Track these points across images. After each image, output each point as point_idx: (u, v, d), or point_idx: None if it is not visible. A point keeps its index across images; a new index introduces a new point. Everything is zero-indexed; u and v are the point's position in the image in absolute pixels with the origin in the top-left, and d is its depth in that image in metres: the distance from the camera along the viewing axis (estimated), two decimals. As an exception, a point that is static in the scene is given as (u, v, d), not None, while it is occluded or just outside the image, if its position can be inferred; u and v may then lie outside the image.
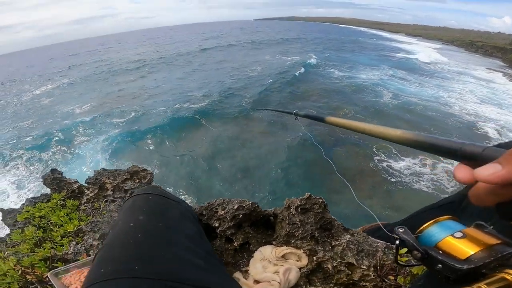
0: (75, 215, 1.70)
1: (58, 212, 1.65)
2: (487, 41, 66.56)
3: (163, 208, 0.84)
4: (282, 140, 10.33)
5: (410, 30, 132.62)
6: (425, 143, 0.41)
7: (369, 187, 8.22)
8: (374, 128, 0.55)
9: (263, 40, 47.08)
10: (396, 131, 0.48)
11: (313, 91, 16.33)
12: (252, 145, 10.42)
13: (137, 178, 2.35)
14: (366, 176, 8.67)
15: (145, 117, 13.32)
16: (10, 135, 13.55)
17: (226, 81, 18.95)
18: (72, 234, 1.43)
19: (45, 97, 20.96)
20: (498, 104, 17.69)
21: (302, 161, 8.92)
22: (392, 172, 8.91)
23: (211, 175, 8.77)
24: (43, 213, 1.60)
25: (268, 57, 28.72)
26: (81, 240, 1.38)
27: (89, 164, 9.95)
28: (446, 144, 0.37)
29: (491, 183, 0.29)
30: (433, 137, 0.40)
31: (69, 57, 53.12)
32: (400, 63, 29.51)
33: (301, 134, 9.99)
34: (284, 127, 11.14)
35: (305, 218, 1.01)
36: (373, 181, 8.46)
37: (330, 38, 58.71)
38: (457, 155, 0.35)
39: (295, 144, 9.92)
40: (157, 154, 10.16)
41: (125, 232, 0.71)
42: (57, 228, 1.47)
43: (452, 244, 0.41)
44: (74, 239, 1.39)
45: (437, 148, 0.39)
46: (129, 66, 29.38)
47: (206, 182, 8.50)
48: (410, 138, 0.44)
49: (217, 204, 1.09)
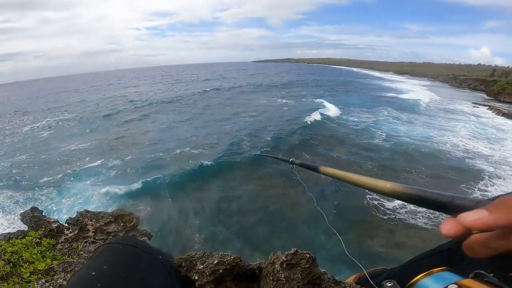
0: (50, 253, 1.66)
1: (31, 249, 1.62)
2: (469, 74, 70.90)
3: (132, 259, 0.80)
4: (277, 188, 10.37)
5: (398, 68, 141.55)
6: (414, 196, 0.39)
7: (367, 227, 8.03)
8: (365, 180, 0.55)
9: (262, 83, 48.66)
10: (386, 184, 0.47)
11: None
12: (246, 191, 10.37)
13: (121, 222, 2.26)
14: (364, 215, 8.56)
15: (141, 162, 13.18)
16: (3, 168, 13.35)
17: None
18: (43, 272, 1.39)
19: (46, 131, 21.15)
20: (487, 139, 18.15)
21: (294, 210, 8.90)
22: (387, 212, 8.77)
23: (200, 222, 8.56)
24: (15, 249, 1.57)
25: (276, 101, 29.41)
26: (51, 279, 1.34)
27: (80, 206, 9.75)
28: (436, 198, 0.35)
29: (475, 229, 0.29)
30: (423, 190, 0.38)
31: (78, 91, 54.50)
32: (394, 103, 30.85)
33: (295, 183, 9.98)
34: (280, 175, 11.16)
35: (291, 274, 0.94)
36: (371, 220, 8.31)
37: (329, 79, 61.50)
38: (448, 208, 0.33)
39: (289, 192, 9.96)
40: (148, 197, 9.96)
41: (84, 279, 0.68)
42: (27, 264, 1.44)
43: None
44: (44, 277, 1.34)
45: (427, 201, 0.37)
46: (127, 106, 29.76)
47: (194, 228, 8.22)
48: (400, 191, 0.43)
49: (197, 257, 1.02)
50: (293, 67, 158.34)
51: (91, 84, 73.32)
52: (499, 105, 31.68)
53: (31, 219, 2.15)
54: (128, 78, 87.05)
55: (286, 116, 21.35)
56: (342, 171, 0.70)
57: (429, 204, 0.36)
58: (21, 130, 22.46)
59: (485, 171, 12.46)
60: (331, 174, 0.77)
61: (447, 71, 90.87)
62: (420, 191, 0.39)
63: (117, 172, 12.07)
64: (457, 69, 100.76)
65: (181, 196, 9.98)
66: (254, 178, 11.22)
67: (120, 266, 0.75)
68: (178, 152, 14.14)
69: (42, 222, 2.15)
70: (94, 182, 11.00)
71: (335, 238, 6.60)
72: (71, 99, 42.73)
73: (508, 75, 58.67)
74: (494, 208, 0.28)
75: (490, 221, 0.28)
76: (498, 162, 13.84)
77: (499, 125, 22.96)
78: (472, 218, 0.29)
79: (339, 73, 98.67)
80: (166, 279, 0.86)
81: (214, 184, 10.75)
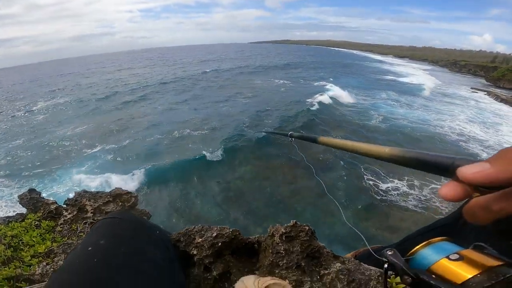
0: (49, 236, 1.68)
1: (31, 232, 1.63)
2: (470, 60, 70.25)
3: (129, 234, 0.79)
4: (276, 161, 10.45)
5: (398, 51, 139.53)
6: (414, 160, 0.37)
7: (361, 207, 8.21)
8: (364, 146, 0.54)
9: (262, 65, 47.87)
10: (384, 149, 0.45)
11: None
12: (247, 167, 10.46)
13: (120, 201, 2.26)
14: (358, 197, 8.71)
15: (139, 143, 13.16)
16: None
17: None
18: (43, 255, 1.40)
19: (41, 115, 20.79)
20: (483, 123, 18.27)
21: (294, 182, 9.01)
22: (383, 193, 8.97)
23: (202, 198, 8.68)
24: (15, 233, 1.58)
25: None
26: (51, 261, 1.35)
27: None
28: (436, 160, 0.33)
29: (476, 182, 0.26)
30: (423, 153, 0.36)
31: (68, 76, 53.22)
32: (394, 86, 30.65)
33: (294, 155, 10.10)
34: (280, 148, 11.26)
35: (290, 247, 0.94)
36: (365, 202, 8.48)
37: (331, 61, 60.18)
38: (449, 171, 0.30)
39: (288, 164, 10.06)
40: (147, 180, 9.99)
41: (81, 256, 0.67)
42: (27, 248, 1.45)
43: (447, 267, 0.37)
44: (45, 260, 1.36)
45: (427, 164, 0.34)
46: (126, 89, 29.22)
47: (196, 204, 8.36)
48: (399, 155, 0.41)
49: (195, 231, 1.01)
50: (292, 48, 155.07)
51: (84, 68, 71.41)
52: (498, 91, 31.65)
53: (29, 201, 2.13)
54: (123, 61, 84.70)
55: (286, 99, 21.14)
56: (339, 140, 0.70)
57: (429, 167, 0.34)
58: (17, 114, 22.11)
59: (479, 155, 12.64)
60: (330, 143, 0.78)
61: (448, 56, 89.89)
62: (419, 154, 0.37)
63: (114, 156, 11.99)
64: (458, 55, 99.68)
65: (182, 178, 10.05)
66: (255, 154, 11.36)
67: (117, 241, 0.74)
68: (176, 134, 14.09)
69: (40, 204, 2.14)
70: (91, 168, 10.94)
71: (335, 211, 6.82)
72: (66, 82, 41.81)
73: (510, 62, 58.25)
74: (496, 160, 0.26)
75: (492, 174, 0.25)
76: (492, 147, 14.02)
77: (497, 110, 23.07)
78: (472, 171, 0.26)
79: (339, 55, 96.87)
80: (164, 253, 0.84)
81: (215, 164, 10.83)
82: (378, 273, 0.96)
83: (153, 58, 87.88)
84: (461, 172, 0.27)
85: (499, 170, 0.25)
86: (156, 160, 11.04)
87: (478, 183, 0.26)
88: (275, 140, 11.60)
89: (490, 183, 0.25)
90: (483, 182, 0.26)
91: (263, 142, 12.00)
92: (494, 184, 0.25)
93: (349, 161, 10.20)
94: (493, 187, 0.26)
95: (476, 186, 0.27)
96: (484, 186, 0.26)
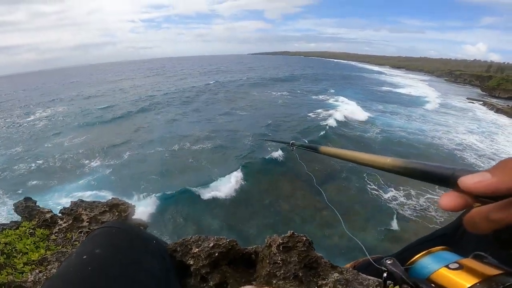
0: (43, 244, 1.67)
1: (25, 240, 1.63)
2: (465, 70, 71.26)
3: (125, 243, 0.79)
4: (276, 170, 10.49)
5: (395, 62, 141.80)
6: (415, 170, 0.38)
7: (361, 217, 8.14)
8: (366, 156, 0.53)
9: (264, 77, 46.97)
10: (386, 159, 0.46)
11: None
12: (249, 174, 10.43)
13: (116, 211, 2.24)
14: (358, 207, 8.67)
15: (139, 158, 13.01)
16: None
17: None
18: (36, 263, 1.40)
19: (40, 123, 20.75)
20: (481, 133, 18.38)
21: (294, 191, 8.95)
22: (382, 202, 8.91)
23: (200, 208, 8.60)
24: (8, 240, 1.57)
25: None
26: (45, 269, 1.33)
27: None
28: (437, 171, 0.33)
29: (476, 192, 0.26)
30: (423, 164, 0.37)
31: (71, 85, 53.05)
32: (399, 99, 30.70)
33: (294, 164, 10.04)
34: (280, 157, 11.27)
35: (287, 257, 0.93)
36: (365, 212, 8.44)
37: (334, 74, 59.77)
38: (449, 182, 0.31)
39: (288, 173, 10.06)
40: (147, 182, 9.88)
41: (75, 264, 0.66)
42: (20, 255, 1.45)
43: (446, 276, 0.36)
44: (38, 268, 1.35)
45: (428, 174, 0.35)
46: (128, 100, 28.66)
47: (193, 214, 8.26)
48: (400, 165, 0.41)
49: (192, 241, 1.01)
50: (291, 60, 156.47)
51: (86, 77, 71.44)
52: (494, 101, 32.00)
53: (25, 209, 2.12)
54: (128, 72, 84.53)
55: (298, 113, 20.47)
56: (342, 150, 0.69)
57: (430, 178, 0.34)
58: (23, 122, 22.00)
59: (474, 165, 12.68)
60: (332, 153, 0.76)
61: (443, 66, 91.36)
62: (420, 165, 0.37)
63: (113, 172, 11.69)
64: (453, 64, 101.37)
65: (182, 194, 9.84)
66: (257, 161, 11.35)
67: (113, 250, 0.73)
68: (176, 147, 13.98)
69: (35, 212, 2.12)
70: (87, 185, 10.64)
71: (335, 221, 6.76)
72: (68, 91, 41.83)
73: (504, 71, 59.10)
74: (496, 170, 0.26)
75: (493, 184, 0.25)
76: (488, 156, 14.09)
77: (494, 120, 23.28)
78: (474, 180, 0.26)
79: (338, 67, 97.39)
80: (160, 263, 0.84)
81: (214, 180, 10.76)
82: (376, 283, 0.96)
83: (154, 69, 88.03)
84: (463, 182, 0.27)
85: (500, 180, 0.25)
86: (157, 176, 10.94)
87: (479, 193, 0.26)
88: (276, 148, 11.62)
89: (491, 193, 0.25)
90: (484, 192, 0.26)
91: (264, 151, 12.02)
92: (495, 194, 0.25)
93: (349, 169, 10.20)
94: (493, 197, 0.26)
95: (476, 196, 0.27)
96: (485, 196, 0.26)
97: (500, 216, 0.26)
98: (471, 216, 0.29)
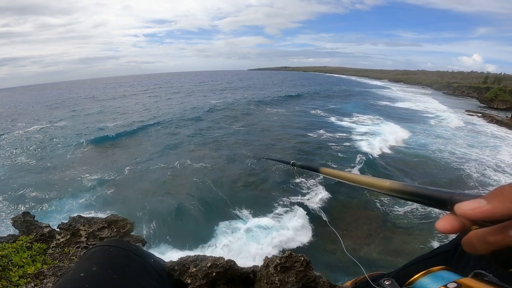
0: (40, 258, 1.66)
1: (21, 253, 1.63)
2: (462, 82, 71.64)
3: (123, 262, 0.79)
4: (278, 191, 10.36)
5: (393, 76, 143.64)
6: (413, 193, 0.39)
7: (364, 234, 8.02)
8: (364, 179, 0.55)
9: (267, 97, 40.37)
10: (385, 182, 0.47)
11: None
12: (248, 192, 10.40)
13: (115, 227, 2.23)
14: (361, 224, 8.54)
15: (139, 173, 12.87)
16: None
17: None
18: (32, 276, 1.39)
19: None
20: (481, 147, 18.29)
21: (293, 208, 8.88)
22: (387, 218, 8.76)
23: (202, 223, 8.49)
24: (5, 253, 1.57)
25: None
26: (40, 283, 1.33)
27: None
28: (434, 194, 0.35)
29: (472, 218, 0.28)
30: (421, 187, 0.38)
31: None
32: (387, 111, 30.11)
33: (296, 184, 10.16)
34: (281, 177, 11.22)
35: (285, 277, 0.92)
36: (368, 228, 8.32)
37: (333, 90, 56.62)
38: (446, 205, 0.32)
39: (290, 193, 9.95)
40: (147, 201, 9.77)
41: (72, 281, 0.66)
42: (16, 268, 1.44)
43: None
44: (33, 281, 1.35)
45: (426, 198, 0.36)
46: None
47: (197, 232, 8.18)
48: (399, 188, 0.42)
49: (190, 261, 1.00)
50: (292, 75, 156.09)
51: (88, 92, 71.12)
52: (494, 113, 32.04)
53: (23, 224, 2.11)
54: (126, 86, 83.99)
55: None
56: (341, 171, 0.70)
57: (427, 201, 0.36)
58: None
59: (473, 177, 12.60)
60: (332, 174, 0.77)
61: (441, 79, 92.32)
62: (418, 188, 0.38)
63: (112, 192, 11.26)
64: (450, 77, 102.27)
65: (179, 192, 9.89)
66: (257, 180, 11.32)
67: (110, 268, 0.74)
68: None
69: (33, 226, 2.12)
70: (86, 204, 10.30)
71: (337, 241, 6.64)
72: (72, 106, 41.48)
73: (501, 82, 59.50)
74: (492, 197, 0.27)
75: (488, 210, 0.26)
76: (487, 167, 13.99)
77: (493, 132, 23.24)
78: (469, 207, 0.28)
79: (341, 82, 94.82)
80: (158, 282, 0.84)
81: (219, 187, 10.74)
82: (376, 304, 0.94)
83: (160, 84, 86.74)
84: (459, 208, 0.29)
85: (495, 206, 0.26)
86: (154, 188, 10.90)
87: (475, 219, 0.28)
88: (274, 167, 11.61)
89: (486, 218, 0.27)
90: (479, 218, 0.27)
91: (263, 169, 12.02)
92: (490, 219, 0.27)
93: (348, 187, 10.03)
94: (489, 222, 0.27)
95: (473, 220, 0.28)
96: (481, 221, 0.27)
97: (496, 239, 0.27)
98: (469, 238, 0.30)
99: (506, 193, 0.27)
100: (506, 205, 0.26)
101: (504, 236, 0.26)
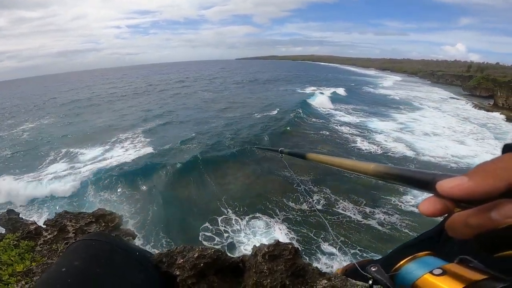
0: (29, 255, 1.66)
1: (9, 251, 1.62)
2: (446, 70, 73.25)
3: (106, 255, 0.78)
4: (267, 177, 10.48)
5: (379, 64, 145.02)
6: (397, 176, 0.38)
7: (353, 222, 8.19)
8: (350, 162, 0.55)
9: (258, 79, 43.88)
10: (369, 165, 0.46)
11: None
12: (238, 181, 10.46)
13: (103, 222, 2.19)
14: (350, 211, 8.71)
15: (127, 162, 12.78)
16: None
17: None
18: (22, 274, 1.39)
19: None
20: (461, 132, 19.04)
21: (284, 198, 8.99)
22: (377, 205, 8.96)
23: (193, 214, 8.48)
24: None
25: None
26: (30, 280, 1.33)
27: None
28: (418, 176, 0.34)
29: (453, 196, 0.27)
30: (405, 169, 0.37)
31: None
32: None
33: (284, 171, 10.27)
34: (270, 163, 11.33)
35: (273, 266, 0.93)
36: (357, 216, 8.48)
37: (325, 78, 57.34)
38: (430, 187, 0.31)
39: (278, 180, 10.13)
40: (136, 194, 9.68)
41: (54, 277, 0.66)
42: (5, 267, 1.43)
43: (430, 282, 0.37)
44: (23, 279, 1.35)
45: (409, 180, 0.35)
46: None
47: (185, 220, 8.17)
48: (383, 171, 0.42)
49: (177, 252, 0.99)
50: (281, 65, 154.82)
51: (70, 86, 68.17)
52: (477, 102, 32.92)
53: (8, 222, 2.08)
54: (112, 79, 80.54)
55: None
56: (327, 156, 0.70)
57: (411, 183, 0.35)
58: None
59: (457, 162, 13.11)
60: (317, 159, 0.78)
61: (425, 67, 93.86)
62: (402, 170, 0.38)
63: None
64: (435, 65, 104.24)
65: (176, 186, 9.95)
66: (246, 169, 11.44)
67: (93, 262, 0.73)
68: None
69: (19, 224, 2.09)
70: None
71: (325, 227, 6.79)
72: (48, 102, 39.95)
73: (484, 71, 61.07)
74: (474, 174, 0.26)
75: (469, 187, 0.25)
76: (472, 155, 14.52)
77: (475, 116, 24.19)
78: (450, 184, 0.27)
79: (333, 70, 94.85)
80: (143, 275, 0.84)
81: (208, 175, 10.82)
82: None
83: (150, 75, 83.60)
84: (440, 186, 0.28)
85: (476, 183, 0.25)
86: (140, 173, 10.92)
87: (456, 197, 0.27)
88: (265, 156, 11.68)
89: (467, 196, 0.26)
90: (461, 196, 0.26)
91: (254, 158, 12.05)
92: (472, 197, 0.26)
93: (336, 176, 10.22)
94: (471, 201, 0.26)
95: (455, 200, 0.27)
96: (462, 200, 0.27)
97: (478, 222, 0.26)
98: (451, 221, 0.29)
99: (488, 169, 0.26)
100: (488, 181, 0.25)
101: (486, 218, 0.26)
